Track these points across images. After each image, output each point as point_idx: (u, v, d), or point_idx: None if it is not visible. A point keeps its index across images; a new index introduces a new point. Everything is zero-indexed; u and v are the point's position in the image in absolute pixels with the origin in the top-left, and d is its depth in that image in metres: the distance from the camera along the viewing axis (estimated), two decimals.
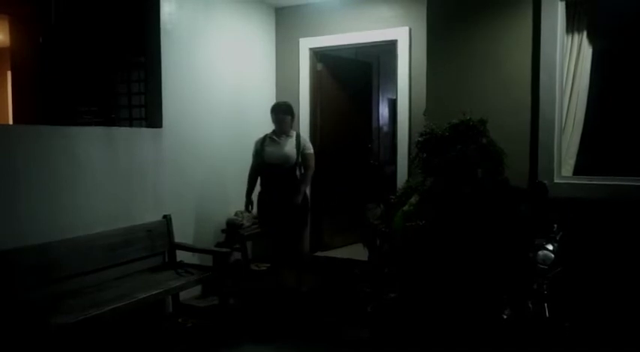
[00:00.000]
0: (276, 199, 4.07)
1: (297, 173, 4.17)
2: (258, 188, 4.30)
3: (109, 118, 4.33)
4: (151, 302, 3.39)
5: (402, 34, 4.71)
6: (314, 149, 5.11)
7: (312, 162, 4.19)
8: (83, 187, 3.44)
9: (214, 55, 4.55)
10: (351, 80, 5.61)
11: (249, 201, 4.29)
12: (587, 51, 3.55)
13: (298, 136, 4.20)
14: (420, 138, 3.13)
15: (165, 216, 3.98)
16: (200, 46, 4.38)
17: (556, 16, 3.40)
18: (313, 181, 5.22)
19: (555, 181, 3.39)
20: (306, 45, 5.19)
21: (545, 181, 3.16)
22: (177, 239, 4.03)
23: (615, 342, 2.93)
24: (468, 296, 2.81)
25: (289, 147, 4.12)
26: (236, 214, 4.68)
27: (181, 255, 4.01)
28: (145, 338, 3.55)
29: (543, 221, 2.85)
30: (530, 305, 2.60)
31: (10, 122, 5.31)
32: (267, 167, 4.11)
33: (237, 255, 4.54)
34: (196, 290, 4.20)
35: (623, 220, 3.18)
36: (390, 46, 4.87)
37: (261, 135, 4.26)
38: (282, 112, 4.12)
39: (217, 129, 4.59)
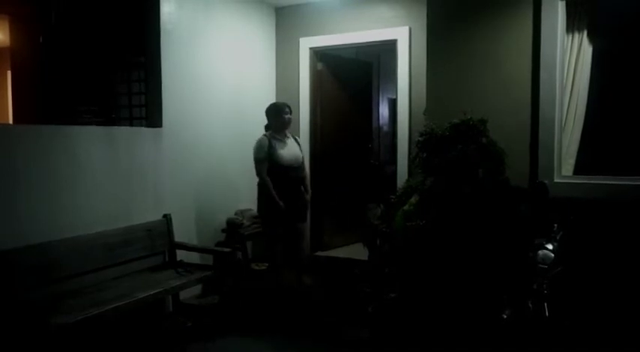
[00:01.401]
0: (291, 200, 4.03)
1: None
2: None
3: (110, 118, 4.32)
4: (150, 302, 3.39)
5: (402, 34, 4.71)
6: (314, 148, 5.16)
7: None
8: (83, 187, 3.44)
9: (214, 54, 4.55)
10: (351, 80, 5.61)
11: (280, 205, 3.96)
12: (588, 50, 3.55)
13: (294, 137, 4.24)
14: (420, 138, 3.13)
15: (165, 216, 3.98)
16: (200, 46, 4.38)
17: (556, 15, 3.40)
18: (313, 181, 5.24)
19: (555, 181, 3.39)
20: (307, 44, 5.18)
21: (546, 181, 3.16)
22: (178, 238, 4.03)
23: (615, 342, 2.93)
24: (468, 296, 2.81)
25: (296, 147, 4.16)
26: (236, 213, 4.68)
27: (181, 255, 4.01)
28: (145, 337, 3.56)
29: (543, 220, 2.85)
30: (530, 305, 2.59)
31: (10, 122, 5.31)
32: (284, 169, 4.01)
33: (237, 254, 4.54)
34: (196, 289, 4.20)
35: (624, 220, 3.18)
36: (390, 46, 4.87)
37: (259, 137, 4.11)
38: (290, 112, 4.14)
39: (217, 129, 4.59)
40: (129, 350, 3.42)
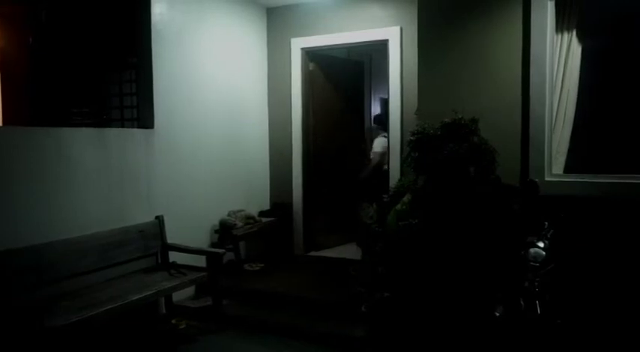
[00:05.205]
0: None
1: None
2: None
3: (101, 119, 4.31)
4: (144, 304, 3.38)
5: (393, 34, 4.73)
6: (307, 148, 5.18)
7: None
8: (76, 188, 3.42)
9: (206, 55, 4.54)
10: (343, 79, 5.62)
11: None
12: (577, 49, 3.58)
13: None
14: (412, 137, 3.14)
15: (157, 217, 3.97)
16: (192, 46, 4.37)
17: (545, 15, 3.43)
18: (307, 181, 5.26)
19: (546, 179, 3.42)
20: (298, 45, 5.19)
21: (537, 179, 3.19)
22: (170, 240, 4.01)
23: (607, 339, 2.96)
24: (461, 294, 2.83)
25: None
26: (229, 214, 4.68)
27: (174, 256, 4.00)
28: (138, 339, 3.55)
29: (534, 218, 2.88)
30: (522, 303, 2.61)
31: (1, 123, 5.27)
32: None
33: (230, 255, 4.54)
34: (190, 290, 4.19)
35: (614, 217, 3.21)
36: (382, 46, 4.88)
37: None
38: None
39: (209, 129, 4.58)
40: (122, 351, 3.42)
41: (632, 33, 3.92)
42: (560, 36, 3.56)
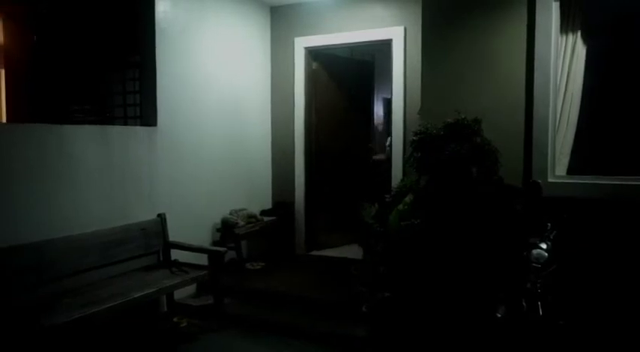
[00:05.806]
0: None
1: None
2: None
3: (104, 117, 4.31)
4: (145, 301, 3.38)
5: (397, 34, 4.72)
6: (309, 147, 5.14)
7: None
8: (78, 186, 3.42)
9: (209, 53, 4.54)
10: (346, 79, 5.61)
11: None
12: (581, 50, 3.57)
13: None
14: (414, 138, 3.14)
15: (159, 215, 3.97)
16: (195, 45, 4.37)
17: (550, 15, 3.41)
18: (309, 180, 5.25)
19: (549, 180, 3.41)
20: (301, 44, 5.18)
21: (539, 180, 3.18)
22: (172, 238, 4.01)
23: (609, 340, 2.95)
24: (463, 295, 2.82)
25: None
26: (231, 213, 4.68)
27: (176, 254, 4.00)
28: (139, 337, 3.55)
29: (537, 220, 2.87)
30: (524, 304, 2.60)
31: (4, 120, 5.28)
32: None
33: (232, 254, 4.53)
34: (191, 288, 4.19)
35: (616, 219, 3.20)
36: (385, 46, 4.88)
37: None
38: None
39: (212, 128, 4.58)
40: (123, 349, 3.42)
41: (635, 34, 3.90)
42: (564, 36, 3.55)
